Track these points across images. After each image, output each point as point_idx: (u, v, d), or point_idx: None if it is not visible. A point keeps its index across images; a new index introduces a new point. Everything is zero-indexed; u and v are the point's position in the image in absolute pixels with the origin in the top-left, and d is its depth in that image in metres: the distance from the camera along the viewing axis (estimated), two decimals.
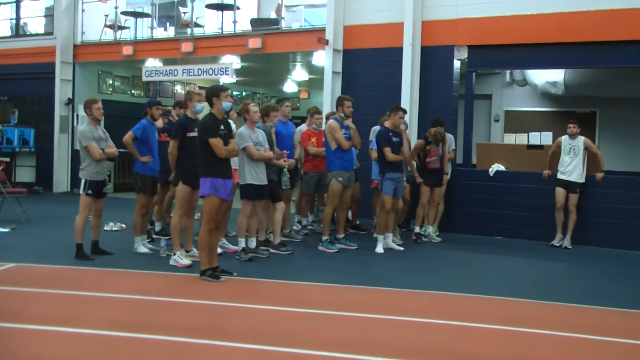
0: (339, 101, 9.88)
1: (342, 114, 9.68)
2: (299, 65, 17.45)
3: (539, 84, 15.37)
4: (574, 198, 10.72)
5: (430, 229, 11.05)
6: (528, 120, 16.41)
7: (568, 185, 10.77)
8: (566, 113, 15.21)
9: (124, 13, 17.61)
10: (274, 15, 16.00)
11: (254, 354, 5.19)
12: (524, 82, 16.28)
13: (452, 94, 12.47)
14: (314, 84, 19.52)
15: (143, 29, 17.58)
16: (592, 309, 7.01)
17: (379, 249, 9.79)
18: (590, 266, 9.60)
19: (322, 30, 13.51)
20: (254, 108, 8.90)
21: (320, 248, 9.78)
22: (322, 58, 13.72)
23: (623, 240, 10.80)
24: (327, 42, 13.23)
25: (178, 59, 16.29)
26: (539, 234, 11.31)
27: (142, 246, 9.23)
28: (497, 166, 11.95)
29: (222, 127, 7.49)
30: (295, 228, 11.18)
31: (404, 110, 10.12)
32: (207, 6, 16.43)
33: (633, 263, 9.91)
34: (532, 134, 15.79)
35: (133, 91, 19.68)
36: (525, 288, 7.88)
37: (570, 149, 10.81)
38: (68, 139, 17.78)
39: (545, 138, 15.30)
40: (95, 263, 8.43)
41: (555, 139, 12.46)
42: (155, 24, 17.28)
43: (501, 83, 16.90)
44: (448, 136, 11.19)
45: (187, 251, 8.62)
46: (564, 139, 10.96)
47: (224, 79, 15.80)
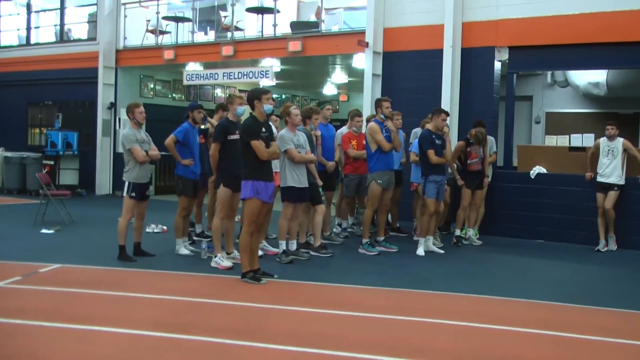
0: (377, 103, 9.90)
1: (382, 115, 9.68)
2: (338, 67, 17.48)
3: (580, 85, 15.19)
4: (612, 196, 10.54)
5: (471, 232, 10.97)
6: (569, 121, 16.20)
7: (607, 188, 10.61)
8: (608, 114, 14.95)
9: (165, 18, 17.84)
10: (313, 18, 16.03)
11: (295, 356, 5.20)
12: (566, 83, 16.08)
13: (493, 95, 12.37)
14: (353, 86, 19.53)
15: (184, 34, 17.78)
16: (633, 313, 6.88)
17: (420, 252, 9.75)
18: (632, 270, 9.41)
19: (362, 32, 13.53)
20: (295, 111, 8.93)
21: (360, 251, 9.77)
22: (362, 60, 13.72)
23: None
24: (367, 45, 13.23)
25: (218, 63, 16.43)
26: (581, 237, 11.13)
27: (184, 248, 9.32)
28: (539, 168, 11.82)
29: (264, 130, 7.54)
30: (335, 230, 11.17)
31: (447, 113, 10.08)
32: (248, 10, 16.57)
33: None
34: (574, 136, 15.52)
35: (174, 95, 19.90)
36: (567, 292, 7.77)
37: (608, 150, 10.65)
38: (110, 142, 18.04)
39: (587, 140, 15.01)
40: (138, 264, 8.54)
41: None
42: (196, 28, 17.46)
43: (542, 84, 16.74)
44: (489, 139, 11.10)
45: (228, 253, 8.68)
46: (602, 140, 10.80)
47: (264, 82, 15.88)
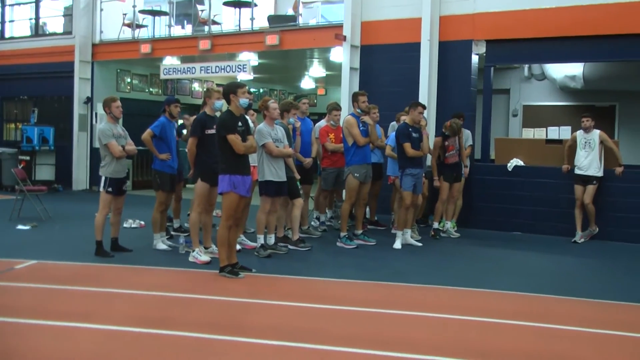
0: (354, 97, 9.93)
1: (359, 110, 9.69)
2: (316, 61, 17.46)
3: (557, 78, 15.29)
4: (590, 189, 10.65)
5: (449, 225, 11.03)
6: (546, 114, 16.31)
7: (585, 181, 10.70)
8: (585, 107, 15.09)
9: (142, 12, 17.70)
10: (291, 12, 16.01)
11: (276, 350, 5.19)
12: (543, 77, 16.18)
13: (470, 89, 12.42)
14: (331, 80, 19.51)
15: (161, 27, 17.67)
16: (611, 304, 6.96)
17: (397, 245, 9.78)
18: (610, 261, 9.51)
19: (340, 26, 13.50)
20: (273, 105, 8.90)
21: (338, 244, 9.78)
22: (340, 54, 13.71)
23: None
24: (345, 38, 13.21)
25: (196, 57, 16.33)
26: (558, 229, 11.24)
27: (161, 243, 9.27)
28: (516, 161, 11.89)
29: (240, 124, 7.52)
30: (313, 224, 11.19)
31: (424, 106, 10.09)
32: (225, 3, 16.48)
33: None
34: (551, 129, 15.66)
35: (151, 89, 19.78)
36: (545, 283, 7.83)
37: (585, 143, 10.74)
38: (87, 137, 17.91)
39: (564, 132, 15.16)
40: (115, 260, 8.48)
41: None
42: (173, 22, 17.36)
43: (519, 77, 16.83)
44: (465, 132, 11.16)
45: (206, 248, 8.65)
46: (579, 133, 10.91)
47: (242, 76, 15.82)
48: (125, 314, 6.11)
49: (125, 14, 17.57)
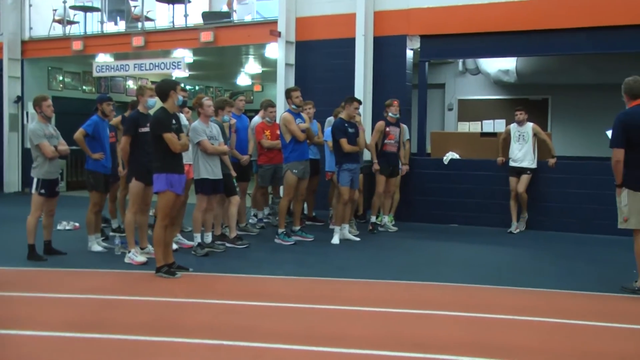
0: (287, 93, 9.94)
1: (294, 106, 9.68)
2: (252, 58, 17.36)
3: (491, 73, 15.54)
4: (524, 179, 10.88)
5: (387, 219, 11.11)
6: (481, 108, 16.57)
7: (520, 172, 10.92)
8: (519, 100, 15.41)
9: (73, 7, 17.23)
10: (225, 8, 15.86)
11: (212, 349, 5.16)
12: (477, 71, 16.43)
13: (406, 83, 12.52)
14: (267, 76, 19.41)
15: (93, 24, 17.24)
16: (545, 292, 7.13)
17: (335, 240, 9.81)
18: (543, 250, 9.73)
19: (274, 22, 13.44)
20: (207, 102, 8.82)
21: (276, 241, 9.76)
22: (275, 50, 13.66)
23: (574, 224, 11.02)
24: (280, 35, 13.17)
25: (129, 54, 16.07)
26: (494, 220, 11.45)
27: (97, 244, 9.09)
28: (452, 154, 12.06)
29: (174, 122, 7.43)
30: (251, 221, 11.15)
31: (359, 101, 10.13)
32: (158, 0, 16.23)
33: (583, 246, 10.08)
34: (486, 122, 15.92)
35: (84, 87, 19.35)
36: (481, 274, 7.96)
37: (519, 135, 10.96)
38: (18, 137, 17.40)
39: (498, 126, 15.43)
40: (49, 263, 8.28)
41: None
42: (105, 18, 16.98)
43: (454, 72, 17.06)
44: (403, 126, 11.24)
45: (142, 248, 8.52)
46: (513, 126, 11.14)
47: (177, 73, 15.64)
48: (59, 319, 5.96)
49: (55, 10, 17.08)
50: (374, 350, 5.11)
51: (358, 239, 10.08)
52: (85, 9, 17.15)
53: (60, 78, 18.56)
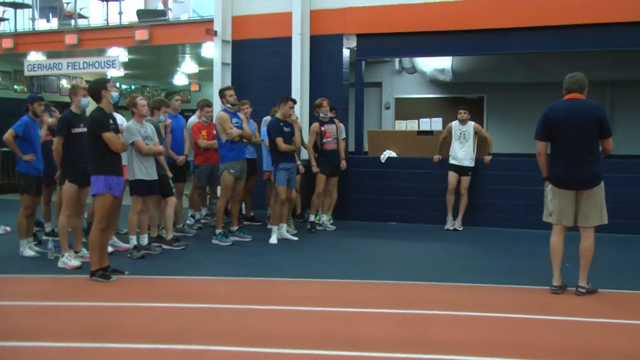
0: (221, 93, 9.87)
1: (229, 105, 9.63)
2: (188, 57, 17.23)
3: (427, 72, 15.74)
4: (465, 181, 11.06)
5: (325, 217, 11.14)
6: (418, 107, 16.78)
7: (460, 169, 11.08)
8: (455, 99, 15.69)
9: (3, 4, 16.82)
10: (161, 7, 15.70)
11: (148, 353, 5.09)
12: (413, 70, 16.62)
13: (343, 82, 12.58)
14: (204, 76, 19.31)
15: (24, 21, 16.86)
16: (481, 287, 7.24)
17: (273, 240, 9.79)
18: (481, 246, 9.90)
19: (210, 21, 13.35)
20: (141, 102, 8.69)
21: (214, 241, 9.69)
22: (211, 49, 13.57)
23: (507, 220, 11.26)
24: (216, 33, 13.08)
25: (62, 52, 15.73)
26: (431, 217, 11.59)
27: (29, 249, 8.84)
28: (389, 153, 12.15)
29: (111, 121, 7.30)
30: (188, 222, 11.06)
31: (294, 100, 10.14)
32: None
33: (519, 241, 10.29)
34: (423, 120, 16.17)
35: (16, 86, 18.90)
36: (418, 271, 8.07)
37: (460, 134, 11.10)
38: None
39: (435, 124, 15.70)
40: None
41: (445, 124, 12.85)
42: (36, 15, 16.61)
43: (391, 71, 17.22)
44: (338, 123, 11.27)
45: (76, 252, 8.34)
46: (455, 124, 11.25)
47: (112, 72, 15.39)
48: None
49: None
50: (309, 349, 5.12)
51: (296, 239, 10.07)
52: (16, 6, 16.74)
53: None
